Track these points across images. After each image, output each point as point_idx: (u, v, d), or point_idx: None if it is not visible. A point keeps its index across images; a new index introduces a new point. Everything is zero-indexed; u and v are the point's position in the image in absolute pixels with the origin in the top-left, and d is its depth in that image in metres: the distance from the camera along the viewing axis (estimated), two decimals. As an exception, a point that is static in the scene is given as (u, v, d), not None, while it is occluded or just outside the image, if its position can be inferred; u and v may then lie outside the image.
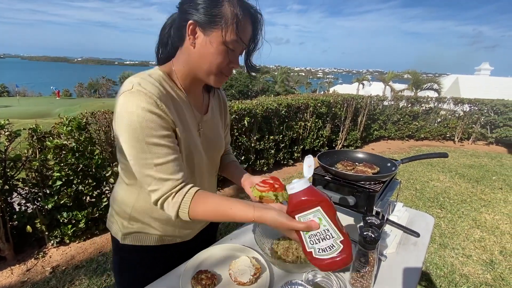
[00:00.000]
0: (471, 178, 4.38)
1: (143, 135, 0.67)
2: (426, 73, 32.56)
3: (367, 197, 0.99)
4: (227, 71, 0.77)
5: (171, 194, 0.71)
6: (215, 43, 0.71)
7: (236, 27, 0.70)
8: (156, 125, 0.69)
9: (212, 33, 0.70)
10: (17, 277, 2.09)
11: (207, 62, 0.73)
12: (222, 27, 0.69)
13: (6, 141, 2.11)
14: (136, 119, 0.67)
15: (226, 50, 0.72)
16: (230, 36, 0.70)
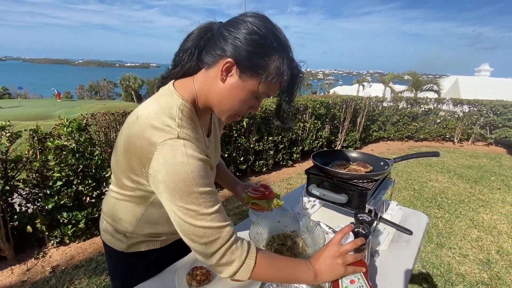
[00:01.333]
0: (470, 178, 4.40)
1: (195, 185, 0.61)
2: (426, 74, 32.63)
3: (360, 195, 1.02)
4: (244, 113, 0.74)
5: (233, 242, 0.65)
6: (246, 91, 0.67)
7: (275, 84, 0.67)
8: (206, 172, 0.64)
9: (248, 81, 0.66)
10: (17, 276, 2.11)
11: (229, 104, 0.70)
12: (262, 79, 0.65)
13: (7, 142, 2.14)
14: (189, 169, 0.60)
15: (253, 99, 0.70)
16: (264, 90, 0.68)
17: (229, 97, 0.68)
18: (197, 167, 0.61)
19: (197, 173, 0.61)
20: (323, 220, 1.15)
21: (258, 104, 0.73)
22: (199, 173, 0.61)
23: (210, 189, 0.64)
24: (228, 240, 0.64)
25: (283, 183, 4.03)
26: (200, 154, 0.63)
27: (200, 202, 0.62)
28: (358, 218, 0.90)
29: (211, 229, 0.62)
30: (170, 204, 0.63)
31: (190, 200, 0.61)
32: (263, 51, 0.64)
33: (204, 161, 0.64)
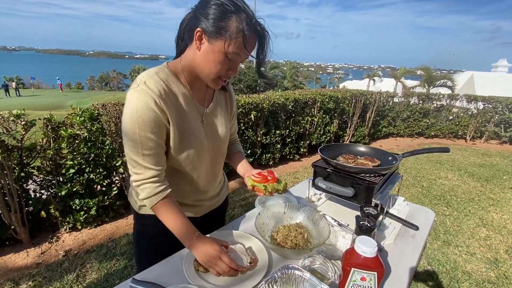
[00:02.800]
0: (481, 177, 4.30)
1: (139, 128, 0.77)
2: (440, 69, 31.55)
3: (366, 189, 1.02)
4: (225, 76, 0.84)
5: (150, 181, 0.82)
6: (217, 52, 0.77)
7: (239, 42, 0.76)
8: (151, 121, 0.78)
9: (215, 43, 0.77)
10: (32, 259, 2.20)
11: (207, 67, 0.81)
12: (226, 39, 0.75)
13: (22, 130, 2.21)
14: (136, 114, 0.77)
15: (226, 60, 0.79)
16: (232, 49, 0.77)
17: (206, 62, 0.80)
18: (146, 114, 0.77)
19: (143, 119, 0.77)
20: (328, 213, 1.16)
21: (235, 66, 0.82)
22: (145, 120, 0.77)
23: (151, 136, 0.79)
24: (147, 179, 0.82)
25: (289, 177, 4.04)
26: (154, 106, 0.77)
27: (140, 143, 0.79)
28: (364, 211, 0.91)
29: (140, 165, 0.81)
30: (124, 140, 0.81)
31: (134, 138, 0.78)
32: (222, 15, 0.75)
33: (155, 113, 0.78)
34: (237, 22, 0.75)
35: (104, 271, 2.04)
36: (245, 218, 1.15)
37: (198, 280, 0.78)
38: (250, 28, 0.76)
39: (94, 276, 2.00)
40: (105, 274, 2.01)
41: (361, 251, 0.71)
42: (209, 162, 0.99)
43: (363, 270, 0.71)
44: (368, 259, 0.70)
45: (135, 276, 0.80)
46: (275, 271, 0.76)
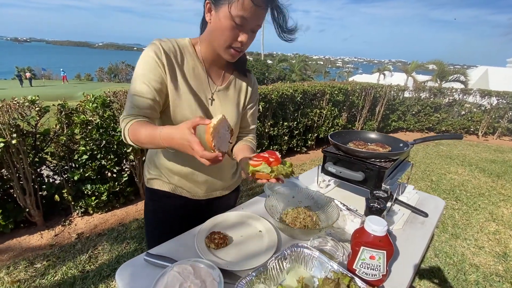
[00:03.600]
0: (492, 172, 4.22)
1: (139, 70, 0.84)
2: (453, 64, 30.58)
3: (377, 174, 1.02)
4: (236, 46, 0.82)
5: (126, 118, 0.83)
6: (222, 19, 0.78)
7: (241, 1, 0.74)
8: (150, 68, 0.83)
9: (220, 9, 0.77)
10: (46, 241, 2.29)
11: (217, 36, 0.81)
12: (229, 1, 0.75)
13: (36, 115, 2.26)
14: (141, 60, 0.84)
15: (233, 25, 0.78)
16: (235, 11, 0.75)
17: (215, 31, 0.82)
18: (148, 61, 0.83)
19: (144, 65, 0.83)
20: (337, 199, 1.17)
21: (245, 33, 0.80)
22: (145, 66, 0.83)
23: (145, 81, 0.82)
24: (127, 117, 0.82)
25: (296, 169, 4.04)
26: (156, 58, 0.83)
27: (134, 83, 0.84)
28: (373, 194, 0.91)
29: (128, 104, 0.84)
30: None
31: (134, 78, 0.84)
32: None
33: (155, 63, 0.83)
34: None
35: (115, 253, 2.10)
36: (255, 201, 1.17)
37: (209, 255, 0.80)
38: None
39: (105, 257, 2.06)
40: (116, 256, 2.07)
41: (371, 229, 0.71)
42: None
43: (372, 249, 0.72)
44: (377, 238, 0.71)
45: (149, 250, 0.83)
46: (285, 248, 0.78)
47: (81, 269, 1.94)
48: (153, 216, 1.09)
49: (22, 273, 1.90)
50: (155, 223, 1.09)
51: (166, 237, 0.90)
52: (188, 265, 0.70)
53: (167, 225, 1.07)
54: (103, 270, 1.92)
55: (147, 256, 0.79)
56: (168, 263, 0.76)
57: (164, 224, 1.07)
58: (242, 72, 1.02)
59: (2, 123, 2.04)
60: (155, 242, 0.89)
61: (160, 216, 1.07)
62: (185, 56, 0.89)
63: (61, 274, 1.89)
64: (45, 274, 1.89)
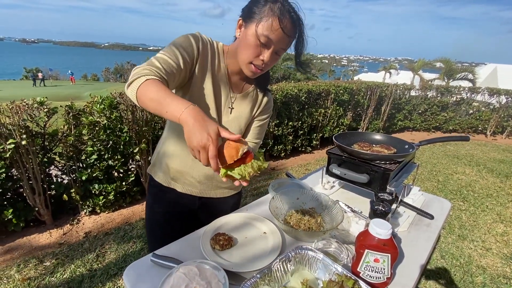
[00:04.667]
0: (501, 173, 4.15)
1: (176, 41, 0.86)
2: (461, 62, 30.00)
3: (381, 176, 1.01)
4: (257, 63, 0.85)
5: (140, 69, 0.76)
6: (249, 35, 0.82)
7: (269, 23, 0.78)
8: (187, 46, 0.86)
9: (249, 26, 0.82)
10: (55, 239, 2.33)
11: (242, 51, 0.85)
12: (257, 20, 0.79)
13: (45, 116, 2.31)
14: (180, 38, 0.88)
15: (257, 43, 0.81)
16: (262, 30, 0.79)
17: (241, 46, 0.85)
18: (187, 38, 0.87)
19: (184, 39, 0.87)
20: (342, 201, 1.17)
21: (267, 53, 0.83)
22: (185, 40, 0.87)
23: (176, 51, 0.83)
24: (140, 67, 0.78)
25: (301, 169, 4.04)
26: (196, 40, 0.88)
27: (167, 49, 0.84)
28: (378, 196, 0.91)
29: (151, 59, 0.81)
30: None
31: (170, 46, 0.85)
32: (259, 2, 0.81)
33: (194, 43, 0.88)
34: (270, 6, 0.79)
35: (122, 252, 2.14)
36: (259, 202, 1.17)
37: (214, 257, 0.81)
38: (281, 11, 0.78)
39: (112, 256, 2.10)
40: (123, 255, 2.10)
41: (375, 232, 0.71)
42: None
43: (376, 252, 0.72)
44: (382, 241, 0.71)
45: (156, 252, 0.84)
46: (289, 250, 0.78)
47: (89, 268, 1.98)
48: (151, 211, 1.13)
49: (32, 271, 1.94)
50: (154, 218, 1.13)
51: (165, 234, 0.93)
52: (193, 266, 0.71)
53: (165, 221, 1.11)
54: (110, 269, 1.96)
55: (153, 257, 0.81)
56: (174, 264, 0.77)
57: (162, 222, 1.11)
58: (262, 89, 1.06)
59: (12, 125, 2.09)
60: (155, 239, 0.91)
61: (158, 211, 1.11)
62: (216, 56, 0.94)
63: (69, 272, 1.93)
64: (54, 272, 1.93)
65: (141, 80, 0.72)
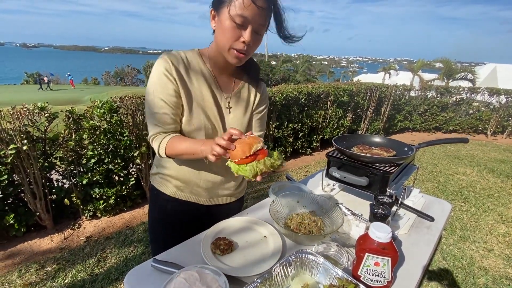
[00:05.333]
0: (502, 173, 4.15)
1: (153, 89, 0.88)
2: (460, 62, 30.04)
3: (381, 178, 1.01)
4: (239, 47, 0.82)
5: (157, 136, 0.90)
6: (223, 20, 0.79)
7: (240, 2, 0.75)
8: (163, 85, 0.87)
9: (221, 12, 0.80)
10: (56, 244, 2.33)
11: (220, 40, 0.83)
12: (228, 3, 0.77)
13: (46, 121, 2.32)
14: (153, 78, 0.88)
15: (233, 25, 0.79)
16: (234, 10, 0.77)
17: (218, 35, 0.84)
18: (160, 78, 0.86)
19: (156, 82, 0.87)
20: (342, 204, 1.17)
21: (247, 33, 0.80)
22: (157, 82, 0.87)
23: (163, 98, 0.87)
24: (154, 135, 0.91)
25: (301, 171, 4.04)
26: (168, 73, 0.86)
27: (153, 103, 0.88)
28: (378, 199, 0.91)
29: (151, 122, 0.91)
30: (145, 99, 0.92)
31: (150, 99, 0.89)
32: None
33: (168, 79, 0.86)
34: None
35: (123, 256, 2.14)
36: (259, 206, 1.18)
37: (215, 261, 0.81)
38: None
39: (113, 261, 2.10)
40: (124, 259, 2.10)
41: (375, 236, 0.71)
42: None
43: (377, 255, 0.72)
44: (382, 245, 0.71)
45: (156, 257, 0.84)
46: (289, 255, 0.78)
47: (90, 272, 1.98)
48: (155, 220, 1.13)
49: (33, 276, 1.94)
50: (158, 227, 1.12)
51: (169, 240, 0.93)
52: (194, 271, 0.71)
53: (169, 228, 1.09)
54: (111, 274, 1.96)
55: (154, 262, 0.81)
56: (174, 269, 0.77)
57: (166, 228, 1.09)
58: (255, 80, 1.04)
59: (13, 130, 2.09)
60: (158, 245, 0.91)
61: (162, 220, 1.10)
62: (193, 65, 0.92)
63: (71, 277, 1.93)
64: (55, 277, 1.93)
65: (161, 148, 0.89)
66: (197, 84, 0.92)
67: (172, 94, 0.88)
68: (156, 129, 0.90)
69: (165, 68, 0.86)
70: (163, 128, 0.90)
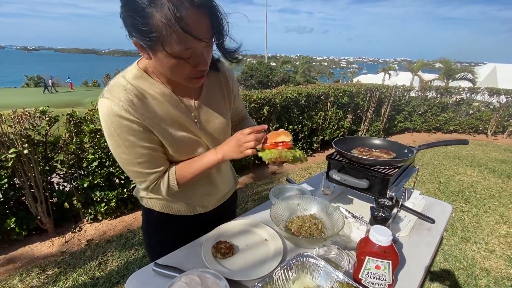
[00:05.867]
0: (502, 173, 4.14)
1: (120, 139, 0.73)
2: (460, 62, 29.97)
3: (381, 181, 1.01)
4: (196, 74, 0.72)
5: (157, 182, 0.83)
6: (165, 59, 0.65)
7: (176, 35, 0.60)
8: (128, 130, 0.72)
9: (156, 52, 0.64)
10: (57, 247, 2.33)
11: (169, 74, 0.72)
12: (161, 43, 0.61)
13: (46, 125, 2.32)
14: (111, 127, 0.71)
15: (180, 61, 0.66)
16: (174, 48, 0.62)
17: (163, 69, 0.71)
18: (117, 124, 0.71)
19: (119, 130, 0.71)
20: (342, 206, 1.17)
21: (199, 60, 0.68)
22: (121, 129, 0.72)
23: (138, 143, 0.74)
24: (153, 182, 0.82)
25: (302, 172, 4.04)
26: (125, 114, 0.71)
27: (129, 153, 0.75)
28: (378, 202, 0.91)
29: (141, 173, 0.79)
30: (113, 153, 0.78)
31: (120, 151, 0.75)
32: (141, 17, 0.58)
33: (128, 120, 0.71)
34: (159, 13, 0.57)
35: (124, 260, 2.14)
36: (260, 209, 1.18)
37: (215, 265, 0.82)
38: (179, 9, 0.57)
39: (114, 264, 2.10)
40: (125, 262, 2.10)
41: (375, 239, 0.71)
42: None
43: (377, 259, 0.72)
44: (382, 248, 0.71)
45: (157, 261, 0.85)
46: (290, 258, 0.79)
47: (91, 276, 1.98)
48: (155, 233, 1.05)
49: (34, 280, 1.94)
50: (157, 241, 1.06)
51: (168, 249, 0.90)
52: (195, 275, 0.72)
53: (170, 238, 1.03)
54: (112, 277, 1.95)
55: (155, 267, 0.81)
56: (176, 273, 0.77)
57: (167, 238, 1.03)
58: (213, 69, 0.90)
59: (14, 134, 2.10)
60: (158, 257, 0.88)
61: (162, 232, 1.03)
62: (145, 90, 0.76)
63: (72, 281, 1.92)
64: (56, 281, 1.93)
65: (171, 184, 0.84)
66: (160, 109, 0.78)
67: (149, 135, 0.76)
68: (151, 177, 0.80)
69: (121, 109, 0.70)
70: (158, 172, 0.81)
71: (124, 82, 0.73)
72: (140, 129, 0.74)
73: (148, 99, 0.76)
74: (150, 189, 0.83)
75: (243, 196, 3.21)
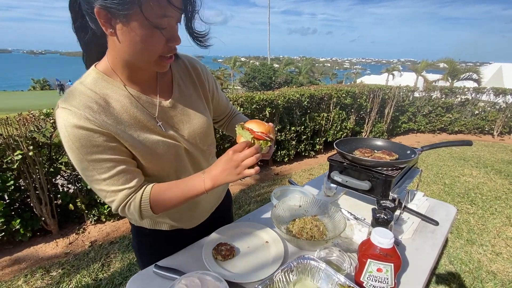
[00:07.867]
0: (509, 174, 4.07)
1: (81, 153, 0.63)
2: (465, 62, 29.57)
3: (383, 182, 1.00)
4: (168, 52, 0.65)
5: (128, 201, 0.70)
6: (138, 29, 0.58)
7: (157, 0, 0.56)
8: (90, 141, 0.63)
9: (129, 18, 0.57)
10: (61, 248, 2.35)
11: (139, 53, 0.63)
12: (139, 6, 0.55)
13: (51, 128, 2.35)
14: (70, 140, 0.62)
15: (155, 31, 0.60)
16: (153, 12, 0.57)
17: (133, 47, 0.61)
18: (76, 136, 0.61)
19: (80, 142, 0.62)
20: (344, 207, 1.16)
21: (173, 34, 0.64)
22: (82, 143, 0.62)
23: (101, 156, 0.64)
24: (123, 201, 0.70)
25: (304, 173, 4.02)
26: (86, 123, 0.62)
27: (92, 169, 0.65)
28: (380, 204, 0.90)
29: (108, 192, 0.68)
30: (76, 168, 0.67)
31: (83, 166, 0.65)
32: None
33: (91, 131, 0.62)
34: None
35: (127, 261, 2.14)
36: (261, 211, 1.17)
37: (216, 267, 0.81)
38: None
39: (117, 265, 2.10)
40: (127, 264, 2.11)
41: (377, 242, 0.71)
42: (193, 161, 0.86)
43: (379, 261, 0.71)
44: (384, 250, 0.70)
45: (158, 263, 0.85)
46: (291, 260, 0.78)
47: (94, 277, 1.99)
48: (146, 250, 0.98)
49: (39, 281, 1.96)
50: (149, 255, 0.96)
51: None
52: (195, 277, 0.71)
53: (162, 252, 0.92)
54: (115, 278, 1.96)
55: (156, 269, 0.81)
56: (176, 275, 0.77)
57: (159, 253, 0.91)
58: (182, 65, 0.84)
59: (19, 136, 2.13)
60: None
61: (153, 247, 0.96)
62: (107, 94, 0.68)
63: (75, 282, 1.94)
64: (60, 282, 1.94)
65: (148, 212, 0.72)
66: (126, 113, 0.70)
67: (115, 145, 0.66)
68: (120, 195, 0.69)
69: (79, 119, 0.61)
70: (128, 189, 0.69)
71: (82, 88, 0.66)
72: (102, 138, 0.64)
73: (111, 103, 0.68)
74: (120, 210, 0.71)
75: (245, 198, 3.20)
